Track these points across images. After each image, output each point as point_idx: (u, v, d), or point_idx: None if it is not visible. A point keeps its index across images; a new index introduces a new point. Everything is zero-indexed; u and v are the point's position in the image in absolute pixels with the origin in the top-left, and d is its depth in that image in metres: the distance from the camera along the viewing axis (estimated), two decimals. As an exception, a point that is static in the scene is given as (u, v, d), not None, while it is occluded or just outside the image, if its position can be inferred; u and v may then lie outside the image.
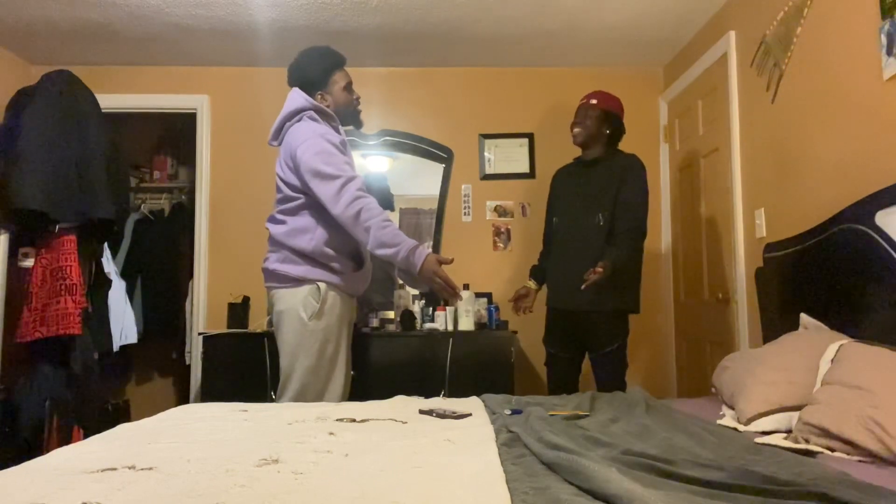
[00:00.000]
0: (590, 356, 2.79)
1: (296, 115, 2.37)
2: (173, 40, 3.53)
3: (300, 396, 2.29)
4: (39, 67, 3.66)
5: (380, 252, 2.19)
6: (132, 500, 1.08)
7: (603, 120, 2.77)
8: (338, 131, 2.43)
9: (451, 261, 2.25)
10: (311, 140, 2.26)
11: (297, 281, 2.30)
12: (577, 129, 2.80)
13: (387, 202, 3.81)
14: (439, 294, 2.26)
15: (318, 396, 2.29)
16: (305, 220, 2.30)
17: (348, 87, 2.51)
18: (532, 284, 2.98)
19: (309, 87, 2.43)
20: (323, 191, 2.21)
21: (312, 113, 2.37)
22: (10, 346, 3.25)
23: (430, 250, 2.36)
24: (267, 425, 1.72)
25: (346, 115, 2.52)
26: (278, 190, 2.39)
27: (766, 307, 2.55)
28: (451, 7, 3.17)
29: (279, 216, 2.36)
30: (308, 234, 2.29)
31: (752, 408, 1.72)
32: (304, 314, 2.28)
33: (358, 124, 2.61)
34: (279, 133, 2.42)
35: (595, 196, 2.72)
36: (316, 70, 2.45)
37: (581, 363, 2.85)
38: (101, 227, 3.25)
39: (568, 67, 3.93)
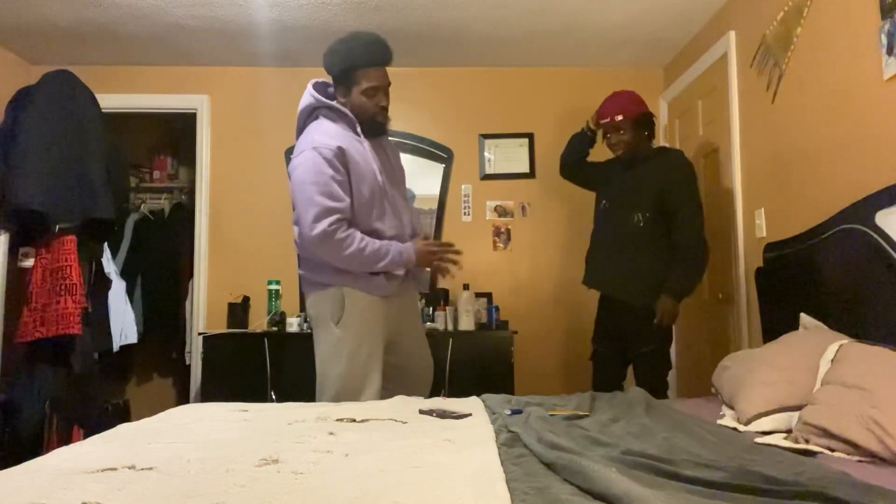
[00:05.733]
0: (629, 356, 2.80)
1: (310, 113, 2.27)
2: (173, 40, 3.53)
3: (336, 401, 2.22)
4: (39, 67, 3.65)
5: (377, 268, 2.19)
6: (132, 500, 1.08)
7: (638, 126, 2.77)
8: (356, 130, 2.25)
9: (429, 237, 2.28)
10: (303, 154, 2.16)
11: (322, 285, 2.26)
12: (617, 151, 2.79)
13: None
14: (442, 270, 2.31)
15: (353, 400, 2.22)
16: None
17: (370, 92, 2.22)
18: None
19: (335, 82, 2.28)
20: (298, 213, 2.16)
21: (326, 110, 2.25)
22: (10, 346, 3.25)
23: (410, 247, 2.29)
24: (267, 425, 1.72)
25: (363, 123, 2.25)
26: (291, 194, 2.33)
27: (766, 307, 2.55)
28: (451, 7, 3.17)
29: (295, 228, 2.30)
30: None
31: (752, 408, 1.72)
32: (330, 321, 2.23)
33: (375, 135, 2.31)
34: (300, 132, 2.32)
35: (635, 195, 2.74)
36: (335, 63, 2.24)
37: (626, 362, 2.85)
38: (101, 227, 3.25)
39: (568, 67, 3.93)
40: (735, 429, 1.72)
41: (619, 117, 2.74)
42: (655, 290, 2.66)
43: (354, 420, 1.76)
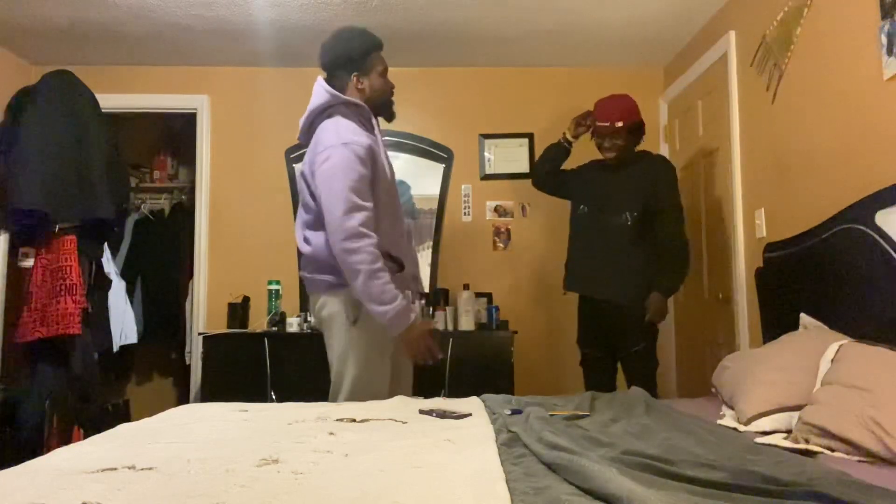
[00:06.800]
0: (618, 356, 2.85)
1: (324, 110, 2.21)
2: (173, 40, 3.53)
3: (352, 400, 2.20)
4: (39, 67, 3.66)
5: (368, 305, 2.09)
6: (132, 500, 1.08)
7: (633, 133, 2.84)
8: (370, 126, 2.25)
9: (437, 331, 2.17)
10: (334, 149, 2.09)
11: (335, 286, 2.18)
12: (609, 154, 2.83)
13: (409, 209, 3.79)
14: (414, 356, 2.19)
15: (371, 398, 2.19)
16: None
17: (385, 73, 2.31)
18: None
19: (345, 67, 2.23)
20: (328, 207, 2.09)
21: (342, 108, 2.20)
22: (10, 346, 3.25)
23: (417, 312, 2.15)
24: (267, 425, 1.72)
25: (380, 106, 2.30)
26: (302, 195, 2.26)
27: (766, 307, 2.55)
28: (451, 7, 3.17)
29: (307, 233, 2.23)
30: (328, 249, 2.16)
31: (752, 408, 1.72)
32: (346, 321, 2.18)
33: (390, 117, 2.38)
34: (309, 130, 2.25)
35: (622, 196, 2.78)
36: (356, 48, 2.24)
37: (615, 363, 2.90)
38: (101, 227, 3.25)
39: (568, 67, 3.93)
40: (735, 429, 1.72)
41: (620, 123, 2.78)
42: (643, 288, 2.73)
43: (354, 420, 1.76)
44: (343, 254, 2.07)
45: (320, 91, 2.23)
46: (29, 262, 3.13)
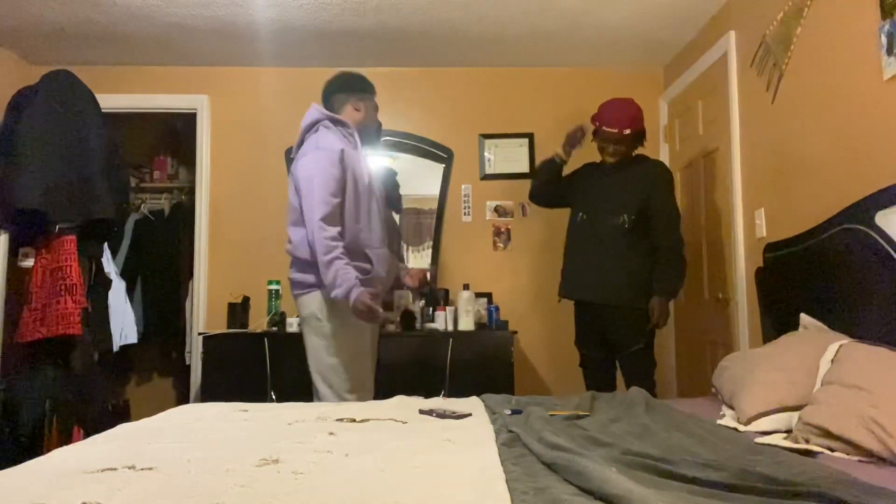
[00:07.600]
0: (616, 357, 2.87)
1: (312, 126, 2.45)
2: (173, 40, 3.53)
3: (326, 397, 2.34)
4: (39, 67, 3.65)
5: (326, 284, 2.26)
6: (132, 500, 1.08)
7: (637, 139, 2.88)
8: (353, 142, 2.47)
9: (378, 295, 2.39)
10: (308, 156, 2.34)
11: (312, 286, 2.36)
12: (611, 159, 2.86)
13: (394, 202, 3.80)
14: (361, 313, 2.28)
15: (344, 396, 2.34)
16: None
17: (376, 111, 2.64)
18: None
19: (345, 92, 2.53)
20: (305, 206, 2.30)
21: (327, 122, 2.44)
22: (10, 346, 3.25)
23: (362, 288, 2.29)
24: (267, 425, 1.72)
25: (367, 134, 2.59)
26: (290, 196, 2.44)
27: (766, 307, 2.55)
28: (451, 7, 3.17)
29: (290, 231, 2.42)
30: (307, 245, 2.33)
31: (752, 408, 1.72)
32: (321, 317, 2.35)
33: (376, 144, 2.76)
34: (299, 146, 2.48)
35: (620, 198, 2.81)
36: (358, 80, 2.59)
37: (615, 364, 2.92)
38: (101, 227, 3.25)
39: (568, 67, 3.93)
40: (735, 429, 1.72)
41: (628, 131, 2.81)
42: (639, 290, 2.75)
43: (354, 420, 1.76)
44: (314, 242, 2.27)
45: (312, 111, 2.49)
46: (29, 262, 3.12)
